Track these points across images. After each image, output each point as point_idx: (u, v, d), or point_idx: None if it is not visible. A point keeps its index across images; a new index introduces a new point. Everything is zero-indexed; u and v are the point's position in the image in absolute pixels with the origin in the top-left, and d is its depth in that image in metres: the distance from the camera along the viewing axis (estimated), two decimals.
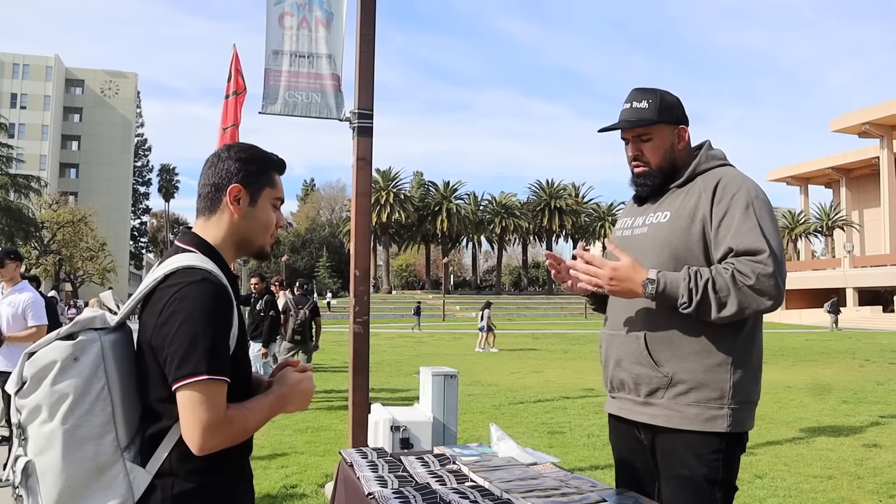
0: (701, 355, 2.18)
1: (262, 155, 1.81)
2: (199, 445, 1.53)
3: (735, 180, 2.26)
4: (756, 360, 2.27)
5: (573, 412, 9.70)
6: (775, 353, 20.71)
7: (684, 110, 2.42)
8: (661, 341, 2.23)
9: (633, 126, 2.37)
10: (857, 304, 51.22)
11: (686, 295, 2.09)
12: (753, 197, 2.20)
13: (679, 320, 2.19)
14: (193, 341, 1.52)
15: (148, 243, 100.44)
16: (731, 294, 2.06)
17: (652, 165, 2.38)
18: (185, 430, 1.53)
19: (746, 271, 2.06)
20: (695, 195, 2.28)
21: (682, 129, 2.40)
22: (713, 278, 2.08)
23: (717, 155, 2.40)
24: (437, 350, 22.90)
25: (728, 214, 2.18)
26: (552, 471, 2.67)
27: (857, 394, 11.54)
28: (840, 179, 65.99)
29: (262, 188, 1.79)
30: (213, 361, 1.53)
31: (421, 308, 41.26)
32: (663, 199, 2.38)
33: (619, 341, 2.35)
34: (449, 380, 4.40)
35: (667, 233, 2.27)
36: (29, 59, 78.75)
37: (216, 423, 1.52)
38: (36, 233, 55.53)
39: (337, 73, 5.57)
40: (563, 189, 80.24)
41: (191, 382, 1.50)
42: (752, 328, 2.25)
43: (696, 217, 2.24)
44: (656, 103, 2.35)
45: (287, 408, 1.74)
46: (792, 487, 5.66)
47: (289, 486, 5.60)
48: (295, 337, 10.07)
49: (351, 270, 5.33)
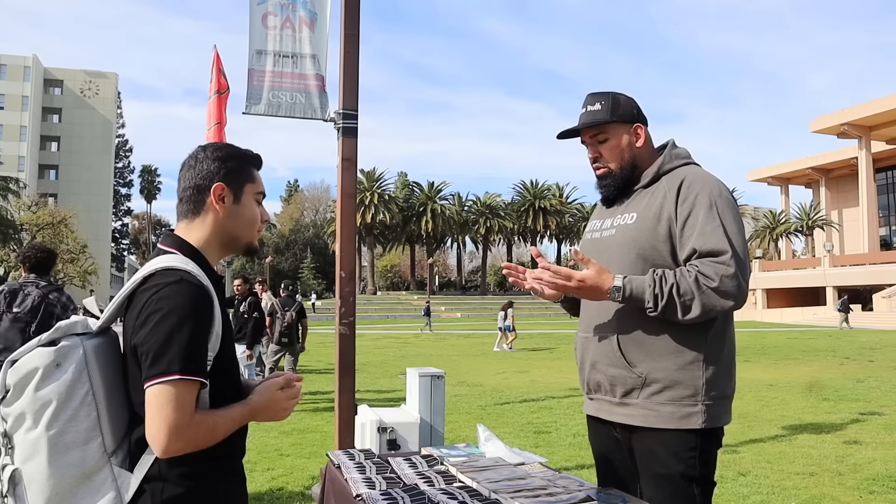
0: (673, 354, 2.21)
1: (238, 152, 1.82)
2: (162, 447, 1.50)
3: (698, 179, 2.28)
4: (728, 355, 2.29)
5: (559, 412, 9.74)
6: (757, 351, 20.90)
7: (640, 109, 2.45)
8: (634, 342, 2.26)
9: (586, 126, 2.41)
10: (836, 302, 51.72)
11: (651, 301, 2.13)
12: (716, 196, 2.23)
13: (650, 321, 2.22)
14: (168, 340, 1.51)
15: (129, 245, 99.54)
16: (695, 298, 2.10)
17: (612, 166, 2.41)
18: (149, 430, 1.51)
19: (710, 273, 2.10)
20: (660, 195, 2.30)
21: (638, 127, 2.42)
22: (677, 283, 2.11)
23: (681, 154, 2.43)
24: (422, 351, 22.88)
25: (692, 214, 2.21)
26: (540, 471, 2.67)
27: (837, 391, 11.66)
28: (820, 179, 66.71)
29: (244, 184, 1.79)
30: (186, 361, 1.51)
31: (431, 308, 40.80)
32: (630, 200, 2.41)
33: (593, 344, 2.38)
34: (436, 381, 4.41)
35: (634, 234, 2.30)
36: (6, 58, 77.81)
37: (182, 425, 1.50)
38: (15, 235, 54.88)
39: (321, 73, 5.55)
40: (548, 189, 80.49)
41: (162, 382, 1.49)
42: (722, 324, 2.27)
43: (661, 217, 2.26)
44: (609, 104, 2.39)
45: (259, 419, 1.73)
46: (775, 484, 5.71)
47: (275, 489, 5.58)
48: (282, 339, 10.04)
49: (336, 272, 5.31)
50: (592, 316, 2.41)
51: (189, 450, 1.54)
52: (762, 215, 76.69)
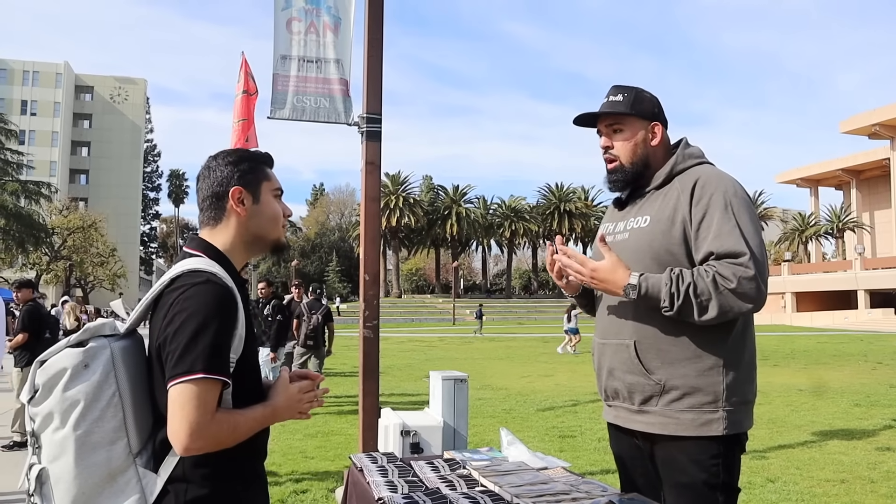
0: (692, 360, 2.17)
1: (249, 153, 1.84)
2: (183, 445, 1.51)
3: (713, 179, 2.23)
4: (748, 359, 2.24)
5: (584, 416, 9.67)
6: (786, 355, 20.60)
7: (661, 109, 2.42)
8: (651, 349, 2.22)
9: (604, 114, 2.39)
10: (868, 306, 50.88)
11: (667, 299, 2.09)
12: (731, 196, 2.18)
13: (668, 327, 2.18)
14: (193, 339, 1.52)
15: (158, 248, 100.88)
16: (713, 298, 2.05)
17: (622, 160, 2.37)
18: (170, 427, 1.52)
19: (728, 274, 2.05)
20: (673, 197, 2.26)
21: (655, 126, 2.38)
22: (694, 282, 2.07)
23: (694, 153, 2.38)
24: (447, 354, 22.87)
25: (707, 216, 2.16)
26: (563, 475, 2.66)
27: (869, 397, 11.45)
28: (850, 181, 65.61)
29: (261, 183, 1.80)
30: (210, 360, 1.52)
31: (483, 311, 40.28)
32: (643, 202, 2.37)
33: (610, 350, 2.34)
34: (459, 384, 4.39)
35: (648, 237, 2.26)
36: (39, 65, 79.35)
37: (203, 424, 1.51)
38: (46, 239, 55.85)
39: (345, 77, 5.58)
40: (573, 192, 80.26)
41: (185, 380, 1.50)
42: (742, 328, 2.23)
43: (675, 220, 2.22)
44: (631, 98, 2.37)
45: (281, 418, 1.74)
46: (804, 491, 5.62)
47: (299, 492, 5.60)
48: (307, 342, 10.08)
49: (361, 275, 5.33)
50: (609, 321, 2.37)
51: (210, 449, 1.55)
52: (791, 218, 75.65)
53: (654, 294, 2.11)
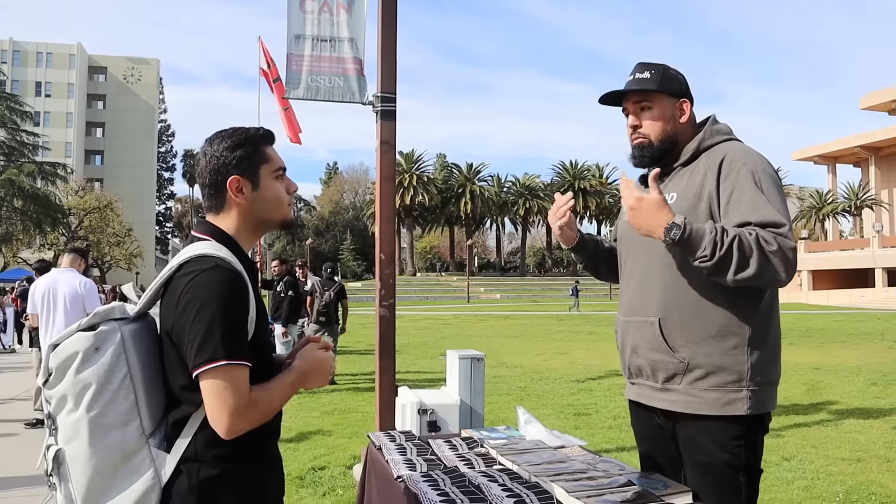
0: (717, 339, 2.15)
1: (245, 135, 1.77)
2: (227, 429, 1.55)
3: (740, 155, 2.20)
4: (773, 339, 2.22)
5: (599, 394, 9.70)
6: (802, 334, 20.51)
7: (688, 86, 2.39)
8: (676, 326, 2.20)
9: (631, 91, 2.35)
10: (885, 284, 50.43)
11: (710, 247, 1.99)
12: (761, 172, 2.15)
13: (693, 305, 2.17)
14: (210, 327, 1.54)
15: (173, 228, 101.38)
16: (754, 256, 1.98)
17: (651, 138, 2.34)
18: (211, 416, 1.55)
19: (770, 239, 2.00)
20: (700, 173, 2.24)
21: (683, 103, 2.36)
22: (740, 237, 2.00)
23: (722, 129, 2.35)
24: (461, 332, 22.94)
25: (737, 190, 2.13)
26: (580, 454, 2.67)
27: (886, 375, 11.39)
28: (869, 158, 64.77)
29: (259, 167, 1.77)
30: (230, 346, 1.54)
31: (578, 288, 39.63)
32: (669, 180, 2.34)
33: (634, 328, 2.32)
34: (476, 363, 4.41)
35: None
36: (52, 47, 79.52)
37: (242, 407, 1.54)
38: (63, 219, 56.33)
39: (359, 56, 5.55)
40: (587, 170, 79.84)
41: (211, 368, 1.52)
42: (768, 307, 2.21)
43: (702, 196, 2.19)
44: (658, 74, 2.33)
45: (307, 384, 1.76)
46: (820, 470, 5.62)
47: (317, 468, 5.67)
48: (320, 318, 10.17)
49: (376, 255, 5.34)
50: (633, 298, 2.35)
51: (252, 426, 1.59)
52: (808, 195, 74.96)
53: (696, 238, 2.01)
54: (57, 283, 6.64)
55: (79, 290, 6.55)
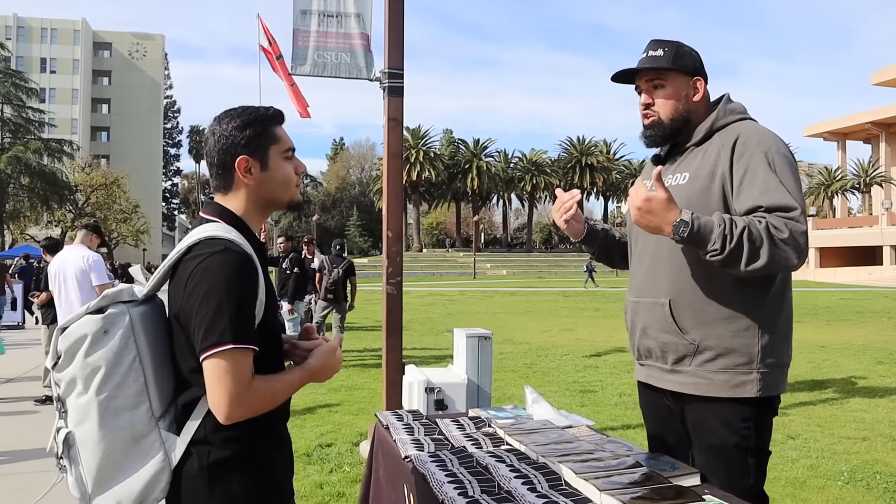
0: (727, 320, 2.14)
1: (256, 115, 1.75)
2: (225, 414, 1.54)
3: (755, 134, 2.17)
4: (784, 321, 2.21)
5: (605, 371, 9.71)
6: (808, 312, 20.48)
7: (702, 64, 2.36)
8: (686, 308, 2.19)
9: (645, 69, 2.32)
10: (893, 262, 50.23)
11: (719, 241, 1.97)
12: (775, 153, 2.12)
13: (704, 286, 2.15)
14: (218, 311, 1.53)
15: (180, 204, 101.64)
16: (765, 246, 1.96)
17: (662, 116, 2.31)
18: (211, 399, 1.55)
19: (780, 226, 1.98)
20: (713, 153, 2.21)
21: (697, 81, 2.33)
22: (749, 228, 1.97)
23: (736, 109, 2.32)
24: (467, 308, 22.99)
25: (749, 171, 2.10)
26: (587, 434, 2.67)
27: (892, 354, 11.37)
28: (880, 135, 64.18)
29: (268, 147, 1.74)
30: (238, 330, 1.53)
31: (593, 266, 39.24)
32: (682, 159, 2.32)
33: (644, 308, 2.31)
34: (483, 342, 4.42)
35: (686, 195, 2.19)
36: (56, 23, 79.23)
37: (242, 392, 1.54)
38: (70, 196, 56.48)
39: (366, 32, 5.51)
40: (595, 146, 79.48)
41: (217, 352, 1.52)
42: (780, 289, 2.19)
43: (715, 176, 2.17)
44: (672, 52, 2.30)
45: (315, 380, 1.76)
46: (825, 448, 5.63)
47: (324, 445, 5.70)
48: (328, 295, 10.19)
49: (384, 232, 5.33)
50: (643, 280, 2.34)
51: (251, 415, 1.58)
52: (817, 172, 74.49)
53: (704, 234, 1.99)
54: (65, 261, 6.67)
55: (83, 266, 6.57)
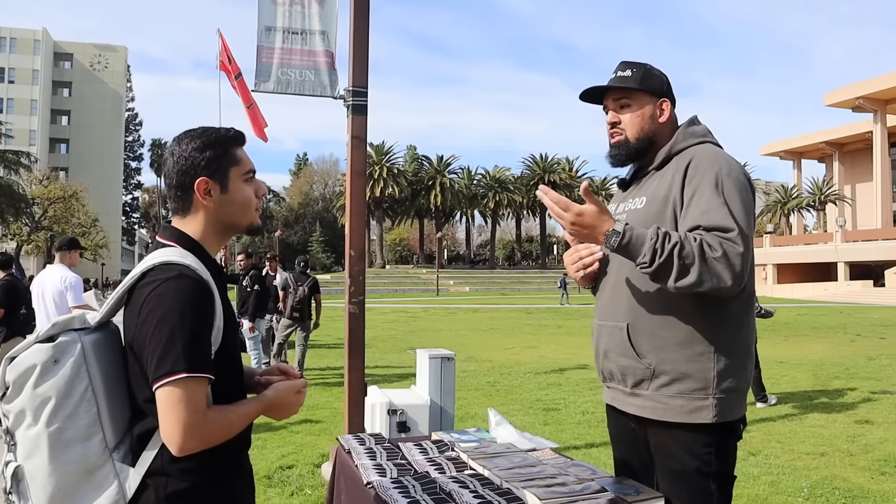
0: (682, 345, 2.13)
1: (216, 137, 1.71)
2: (178, 445, 1.49)
3: (707, 158, 2.18)
4: (742, 347, 2.19)
5: (567, 388, 9.74)
6: (767, 328, 20.81)
7: (670, 87, 2.38)
8: (643, 332, 2.18)
9: (612, 89, 2.34)
10: (848, 278, 51.51)
11: (649, 254, 1.97)
12: (724, 175, 2.11)
13: (661, 309, 2.14)
14: (171, 339, 1.48)
15: (140, 218, 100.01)
16: (695, 263, 1.95)
17: (628, 135, 2.33)
18: (163, 429, 1.49)
19: (714, 244, 1.97)
20: (668, 177, 2.22)
21: (664, 102, 2.35)
22: (681, 243, 1.97)
23: (697, 132, 2.33)
24: (430, 325, 22.92)
25: (697, 193, 2.11)
26: (551, 457, 2.66)
27: (848, 369, 11.60)
28: (833, 154, 66.03)
29: (228, 170, 1.71)
30: (192, 359, 1.49)
31: (566, 281, 38.28)
32: (643, 183, 2.34)
33: (606, 332, 2.32)
34: (446, 362, 4.39)
35: (642, 219, 2.20)
36: (16, 32, 77.81)
37: (196, 423, 1.49)
38: (27, 209, 55.21)
39: (331, 49, 5.48)
40: (557, 163, 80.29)
41: (170, 381, 1.47)
42: (738, 315, 2.18)
43: (668, 200, 2.18)
44: (640, 73, 2.33)
45: (271, 415, 1.72)
46: (785, 465, 5.69)
47: (285, 467, 5.61)
48: (294, 314, 10.08)
49: (346, 250, 5.28)
50: (606, 303, 2.34)
51: (205, 446, 1.53)
52: (774, 190, 76.22)
53: (636, 245, 2.00)
54: (45, 283, 6.50)
55: (60, 287, 6.39)
